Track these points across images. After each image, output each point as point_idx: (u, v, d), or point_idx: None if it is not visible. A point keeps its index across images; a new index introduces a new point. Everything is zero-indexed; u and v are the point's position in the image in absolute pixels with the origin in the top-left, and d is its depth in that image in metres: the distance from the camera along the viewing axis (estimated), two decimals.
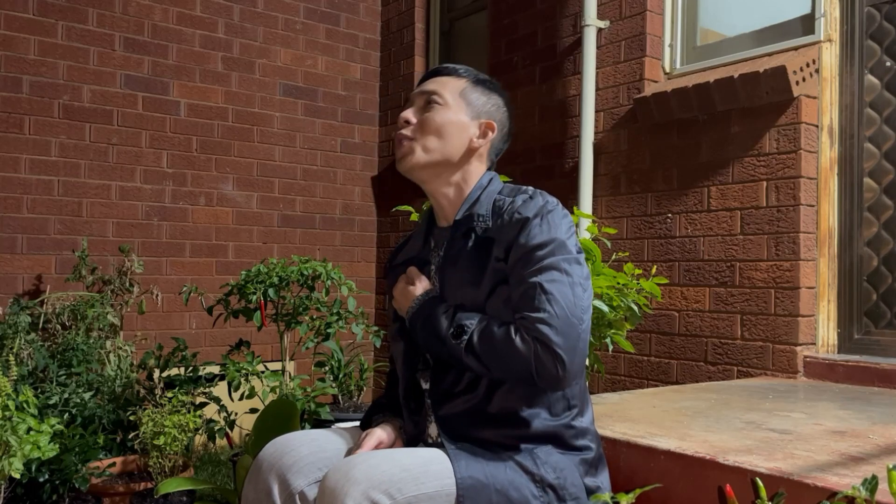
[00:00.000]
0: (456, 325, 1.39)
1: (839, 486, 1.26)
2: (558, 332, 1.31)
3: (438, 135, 1.49)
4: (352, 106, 4.67)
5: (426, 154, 1.49)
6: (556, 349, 1.30)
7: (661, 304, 3.02)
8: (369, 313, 4.66)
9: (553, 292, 1.33)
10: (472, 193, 1.51)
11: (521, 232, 1.38)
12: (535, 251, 1.36)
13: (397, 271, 1.61)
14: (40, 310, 3.23)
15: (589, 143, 3.28)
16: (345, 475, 1.24)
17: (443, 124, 1.49)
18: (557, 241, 1.37)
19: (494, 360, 1.35)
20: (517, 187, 1.52)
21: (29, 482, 2.36)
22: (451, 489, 1.29)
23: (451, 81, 1.53)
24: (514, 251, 1.38)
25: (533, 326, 1.31)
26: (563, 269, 1.35)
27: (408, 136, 1.50)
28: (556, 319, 1.31)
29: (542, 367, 1.31)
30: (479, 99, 1.53)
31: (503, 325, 1.36)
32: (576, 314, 1.33)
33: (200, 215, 4.10)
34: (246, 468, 2.16)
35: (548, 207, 1.41)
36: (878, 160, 2.65)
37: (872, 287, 2.64)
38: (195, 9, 4.09)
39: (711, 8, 3.17)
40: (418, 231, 1.63)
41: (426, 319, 1.44)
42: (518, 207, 1.42)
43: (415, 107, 1.53)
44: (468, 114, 1.51)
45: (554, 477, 1.34)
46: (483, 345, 1.35)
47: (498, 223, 1.43)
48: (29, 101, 3.62)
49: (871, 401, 2.20)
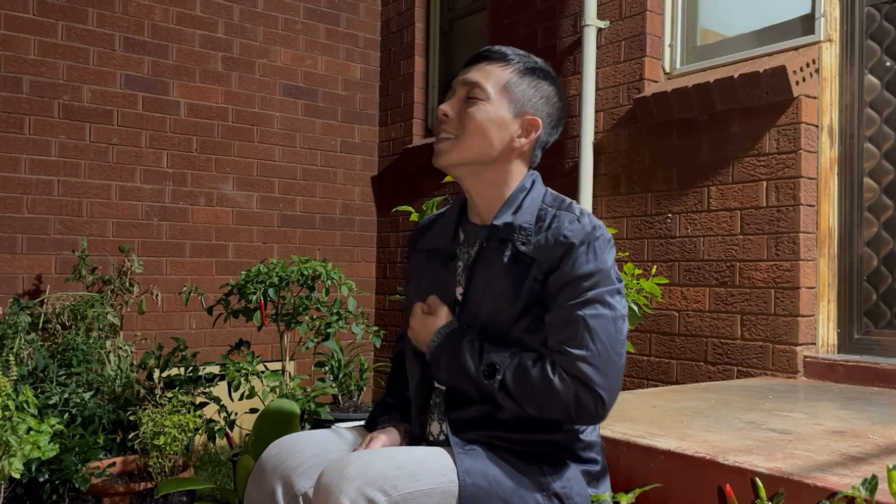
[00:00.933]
0: (486, 365, 1.34)
1: (839, 486, 1.26)
2: (599, 372, 1.29)
3: (477, 134, 1.41)
4: (352, 106, 4.67)
5: (462, 153, 1.42)
6: (597, 389, 1.28)
7: (661, 304, 3.02)
8: (369, 313, 4.66)
9: (596, 328, 1.30)
10: (514, 196, 1.44)
11: (566, 258, 1.33)
12: (580, 281, 1.32)
13: (420, 257, 1.56)
14: (40, 310, 3.23)
15: (589, 143, 3.28)
16: (339, 473, 1.23)
17: (482, 122, 1.41)
18: (603, 271, 1.33)
19: (530, 400, 1.32)
20: (561, 198, 1.46)
21: (29, 482, 2.36)
22: (448, 486, 1.29)
23: (497, 71, 1.43)
24: (557, 277, 1.34)
25: (574, 365, 1.29)
26: (607, 303, 1.32)
27: (446, 133, 1.43)
28: (597, 358, 1.29)
29: (581, 407, 1.29)
30: (526, 92, 1.43)
31: (537, 363, 1.32)
32: (616, 350, 1.31)
33: (200, 215, 4.10)
34: (246, 468, 2.16)
35: (595, 234, 1.36)
36: (878, 160, 2.65)
37: (872, 287, 2.64)
38: (195, 9, 4.09)
39: (711, 8, 3.17)
40: (448, 219, 1.55)
41: (452, 356, 1.38)
42: (564, 230, 1.36)
43: (455, 97, 1.45)
44: (511, 110, 1.42)
45: (560, 486, 1.34)
46: (518, 385, 1.31)
47: (540, 242, 1.37)
48: (29, 101, 3.62)
49: (871, 401, 2.20)
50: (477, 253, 1.45)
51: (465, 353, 1.36)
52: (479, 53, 1.47)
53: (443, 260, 1.50)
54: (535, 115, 1.45)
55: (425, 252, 1.55)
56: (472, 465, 1.30)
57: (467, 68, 1.46)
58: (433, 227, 1.58)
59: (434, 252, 1.53)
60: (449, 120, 1.43)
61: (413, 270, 1.58)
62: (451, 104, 1.44)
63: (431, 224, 1.61)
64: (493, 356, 1.34)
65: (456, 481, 1.30)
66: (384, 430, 1.50)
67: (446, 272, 1.49)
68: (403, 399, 1.57)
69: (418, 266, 1.56)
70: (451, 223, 1.53)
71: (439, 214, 1.62)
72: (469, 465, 1.30)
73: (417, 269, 1.57)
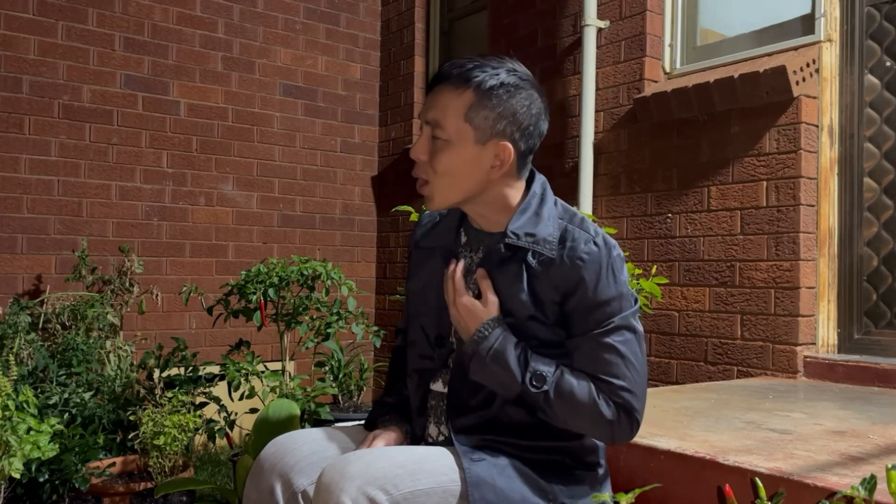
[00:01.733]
0: (533, 373, 1.32)
1: (839, 486, 1.26)
2: (638, 398, 1.33)
3: (448, 177, 1.36)
4: (352, 106, 4.67)
5: (444, 196, 1.39)
6: (636, 415, 1.33)
7: (661, 304, 3.01)
8: (369, 313, 4.66)
9: (629, 356, 1.32)
10: (525, 207, 1.39)
11: (586, 282, 1.32)
12: (604, 307, 1.32)
13: (422, 253, 1.54)
14: (40, 310, 3.23)
15: (589, 143, 3.28)
16: (340, 472, 1.23)
17: (450, 167, 1.35)
18: (624, 295, 1.35)
19: (574, 418, 1.33)
20: (571, 211, 1.42)
21: (29, 482, 2.36)
22: (448, 486, 1.29)
23: (454, 100, 1.34)
24: (579, 301, 1.33)
25: (618, 395, 1.31)
26: (632, 328, 1.34)
27: (423, 179, 1.39)
28: (636, 385, 1.33)
29: (620, 432, 1.33)
30: (489, 117, 1.33)
31: (581, 381, 1.32)
32: (645, 372, 1.36)
33: (200, 215, 4.10)
34: (246, 468, 2.16)
35: (612, 255, 1.35)
36: (878, 160, 2.65)
37: (872, 287, 2.64)
38: (195, 9, 4.09)
39: (711, 8, 3.17)
40: (451, 220, 1.53)
41: (497, 355, 1.34)
42: (581, 252, 1.33)
43: (423, 136, 1.39)
44: (477, 139, 1.34)
45: (568, 495, 1.34)
46: (563, 402, 1.32)
47: (556, 260, 1.34)
48: (29, 101, 3.62)
49: (871, 401, 2.20)
50: (484, 258, 1.42)
51: (512, 356, 1.34)
52: (438, 74, 1.38)
53: (444, 258, 1.49)
54: (503, 140, 1.35)
55: (427, 249, 1.54)
56: (481, 478, 1.30)
57: (429, 96, 1.39)
58: (436, 226, 1.57)
59: (436, 249, 1.52)
60: (423, 162, 1.38)
61: (415, 267, 1.57)
62: (421, 145, 1.38)
63: (432, 222, 1.59)
64: (540, 366, 1.33)
65: (456, 480, 1.30)
66: (385, 430, 1.50)
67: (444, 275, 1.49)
68: (403, 398, 1.56)
69: (420, 262, 1.55)
70: (454, 224, 1.51)
71: (440, 215, 1.60)
72: (478, 478, 1.30)
73: (419, 265, 1.55)
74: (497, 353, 1.33)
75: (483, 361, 1.35)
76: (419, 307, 1.52)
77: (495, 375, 1.34)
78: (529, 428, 1.37)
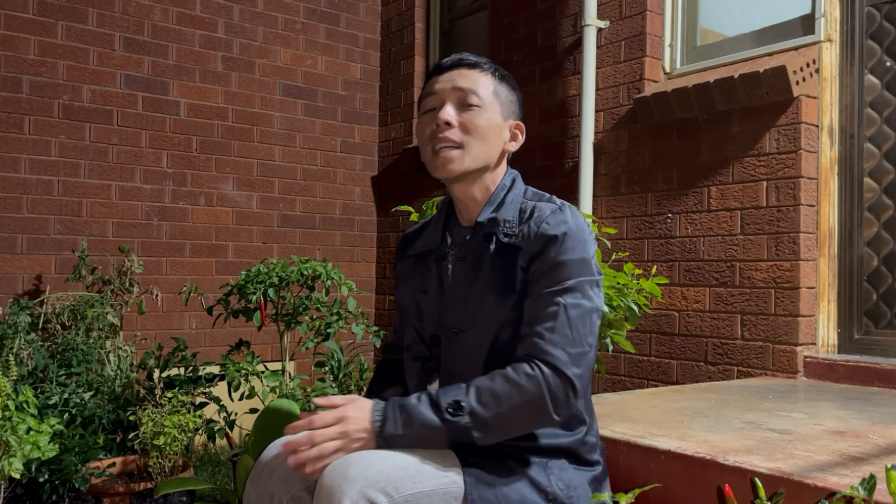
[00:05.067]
0: (448, 403, 1.25)
1: (839, 487, 1.26)
2: (571, 358, 1.28)
3: (482, 140, 1.42)
4: (352, 106, 4.67)
5: (472, 161, 1.41)
6: (568, 373, 1.28)
7: (661, 304, 3.01)
8: (369, 313, 4.66)
9: (573, 317, 1.30)
10: (496, 195, 1.45)
11: (549, 246, 1.34)
12: (560, 268, 1.33)
13: (408, 262, 1.57)
14: (40, 310, 3.23)
15: (589, 143, 3.28)
16: (341, 474, 1.23)
17: (486, 129, 1.42)
18: (584, 261, 1.35)
19: (507, 412, 1.26)
20: (541, 193, 1.47)
21: (29, 482, 2.36)
22: (449, 487, 1.29)
23: (481, 78, 1.44)
24: (539, 264, 1.34)
25: (547, 352, 1.28)
26: (586, 293, 1.33)
27: (453, 141, 1.40)
28: (571, 345, 1.29)
29: (554, 396, 1.27)
30: (509, 97, 1.47)
31: (495, 377, 1.28)
32: (589, 342, 1.32)
33: (200, 215, 4.10)
34: (246, 468, 2.16)
35: (578, 222, 1.37)
36: (878, 160, 2.65)
37: (872, 287, 2.64)
38: (195, 9, 4.09)
39: (711, 8, 3.17)
40: (436, 223, 1.56)
41: (409, 416, 1.26)
42: (546, 218, 1.37)
43: (447, 105, 1.42)
44: (502, 115, 1.45)
45: (567, 495, 1.34)
46: (487, 404, 1.26)
47: (523, 232, 1.38)
48: (29, 101, 3.62)
49: (871, 401, 2.20)
50: (460, 252, 1.46)
51: (419, 407, 1.27)
52: (455, 60, 1.45)
53: (432, 264, 1.51)
54: (518, 121, 1.50)
55: (414, 258, 1.57)
56: (480, 480, 1.29)
57: (446, 74, 1.44)
58: (421, 234, 1.59)
59: (423, 257, 1.54)
60: (451, 128, 1.41)
61: (403, 277, 1.59)
62: (451, 111, 1.41)
63: (418, 232, 1.62)
64: (448, 393, 1.27)
65: (456, 482, 1.30)
66: None
67: (436, 276, 1.50)
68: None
69: (407, 272, 1.58)
70: (439, 228, 1.54)
71: (425, 223, 1.63)
72: (477, 480, 1.29)
73: (407, 275, 1.58)
74: (406, 418, 1.27)
75: (403, 438, 1.27)
76: (413, 311, 1.53)
77: (420, 437, 1.27)
78: (533, 434, 1.37)
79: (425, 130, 1.45)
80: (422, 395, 1.29)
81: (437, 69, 1.47)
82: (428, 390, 1.32)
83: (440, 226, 1.54)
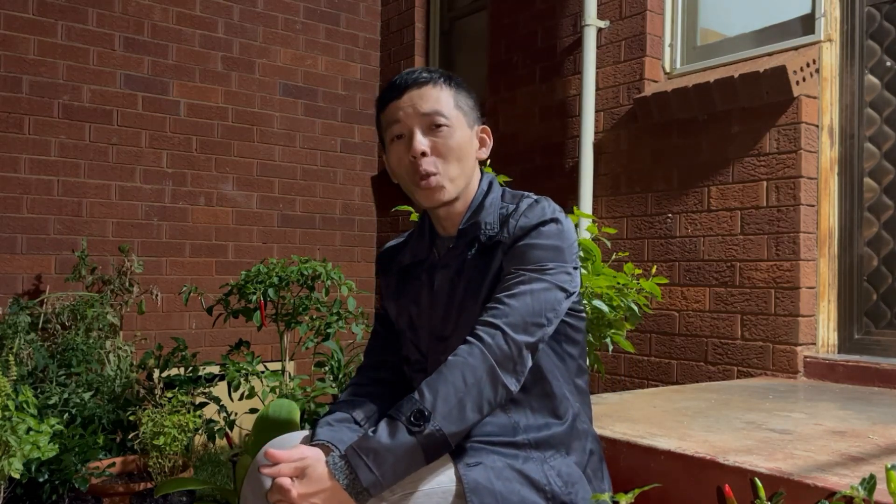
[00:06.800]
0: (408, 416, 1.19)
1: (839, 487, 1.26)
2: (524, 327, 1.27)
3: (459, 160, 1.40)
4: (352, 106, 4.67)
5: (455, 186, 1.41)
6: (516, 337, 1.26)
7: (661, 304, 3.01)
8: (369, 313, 4.65)
9: (536, 290, 1.30)
10: (475, 200, 1.45)
11: (525, 234, 1.36)
12: (532, 250, 1.34)
13: (394, 277, 1.56)
14: (40, 310, 3.23)
15: (589, 143, 3.28)
16: None
17: (460, 146, 1.40)
18: (557, 248, 1.35)
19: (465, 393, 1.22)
20: (519, 193, 1.47)
21: (29, 482, 2.36)
22: (447, 486, 1.28)
23: (441, 94, 1.41)
24: (514, 249, 1.36)
25: (498, 315, 1.28)
26: (553, 275, 1.33)
27: (433, 172, 1.38)
28: (529, 315, 1.28)
29: (499, 360, 1.24)
30: (468, 103, 1.45)
31: (439, 368, 1.26)
32: (548, 317, 1.31)
33: (200, 215, 4.10)
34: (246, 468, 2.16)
35: (553, 215, 1.38)
36: (879, 160, 2.65)
37: (872, 287, 2.64)
38: (195, 9, 4.09)
39: (711, 8, 3.17)
40: (419, 235, 1.55)
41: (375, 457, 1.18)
42: (524, 212, 1.38)
43: (417, 133, 1.39)
44: (468, 125, 1.44)
45: (566, 492, 1.34)
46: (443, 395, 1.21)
47: (507, 229, 1.38)
48: (29, 101, 3.62)
49: (871, 401, 2.20)
50: (445, 260, 1.45)
51: (377, 437, 1.19)
52: (409, 81, 1.40)
53: (422, 274, 1.50)
54: (482, 124, 1.48)
55: (400, 272, 1.55)
56: (479, 483, 1.28)
57: (405, 97, 1.40)
58: (404, 248, 1.57)
59: (411, 269, 1.53)
60: (427, 157, 1.38)
61: (390, 291, 1.58)
62: (422, 140, 1.38)
63: (400, 246, 1.60)
64: (403, 406, 1.21)
65: (455, 480, 1.30)
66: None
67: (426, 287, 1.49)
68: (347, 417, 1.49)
69: (394, 286, 1.56)
70: (425, 239, 1.53)
71: (408, 236, 1.61)
72: (475, 484, 1.28)
73: (394, 289, 1.56)
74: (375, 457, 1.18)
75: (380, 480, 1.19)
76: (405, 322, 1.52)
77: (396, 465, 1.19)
78: (524, 426, 1.37)
79: (401, 160, 1.42)
80: (370, 428, 1.22)
81: (393, 91, 1.42)
82: (374, 421, 1.31)
83: (425, 236, 1.53)
